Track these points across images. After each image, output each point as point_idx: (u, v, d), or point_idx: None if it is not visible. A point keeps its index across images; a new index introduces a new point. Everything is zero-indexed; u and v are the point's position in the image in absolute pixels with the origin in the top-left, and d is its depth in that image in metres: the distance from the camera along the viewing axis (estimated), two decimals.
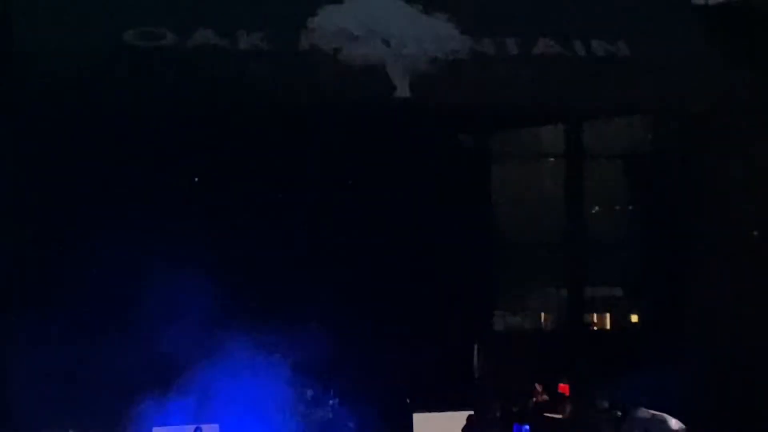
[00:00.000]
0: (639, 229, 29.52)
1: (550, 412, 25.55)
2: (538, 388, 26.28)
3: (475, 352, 27.73)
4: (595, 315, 31.48)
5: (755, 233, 25.99)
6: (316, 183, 25.11)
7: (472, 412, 26.25)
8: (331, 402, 24.97)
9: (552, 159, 30.85)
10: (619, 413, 24.62)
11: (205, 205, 24.86)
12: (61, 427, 22.70)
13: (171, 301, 22.58)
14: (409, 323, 25.95)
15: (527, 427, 25.87)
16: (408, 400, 26.57)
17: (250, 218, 24.57)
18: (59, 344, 22.44)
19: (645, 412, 22.70)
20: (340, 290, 25.24)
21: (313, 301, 24.02)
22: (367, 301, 25.66)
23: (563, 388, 26.53)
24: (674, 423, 22.10)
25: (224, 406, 22.98)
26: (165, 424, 23.45)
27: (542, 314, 31.61)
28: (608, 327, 31.73)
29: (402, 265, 25.51)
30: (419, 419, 26.29)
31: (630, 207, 30.22)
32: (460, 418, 26.08)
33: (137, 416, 22.50)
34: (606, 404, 26.06)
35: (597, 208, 30.15)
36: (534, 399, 26.26)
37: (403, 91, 23.94)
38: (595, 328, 31.44)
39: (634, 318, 31.39)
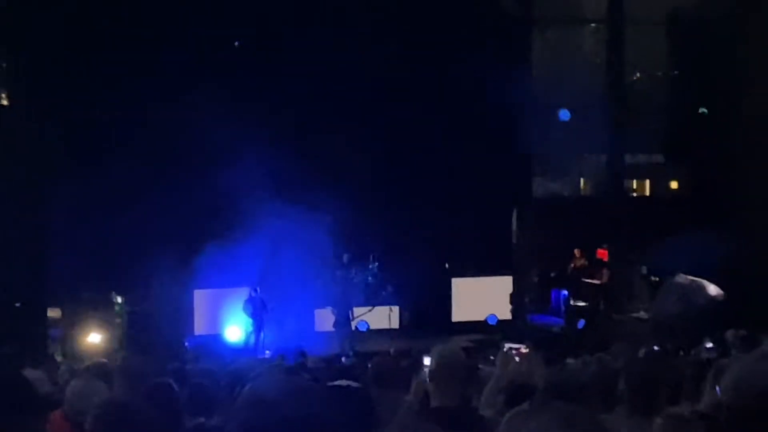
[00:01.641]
0: (682, 96, 28.93)
1: (588, 278, 25.54)
2: (577, 253, 26.22)
3: (514, 217, 27.61)
4: (635, 181, 31.21)
5: None
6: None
7: (511, 277, 26.41)
8: (370, 266, 25.04)
9: (593, 24, 30.24)
10: (657, 278, 24.65)
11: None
12: (100, 291, 23.12)
13: (211, 165, 22.69)
14: (448, 189, 25.78)
15: (566, 292, 25.98)
16: (447, 265, 26.66)
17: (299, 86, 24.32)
18: (100, 208, 22.51)
19: (683, 278, 22.67)
20: (381, 156, 25.07)
21: (353, 167, 23.84)
22: (407, 166, 25.48)
23: (602, 253, 26.50)
24: (713, 289, 22.08)
25: (263, 270, 23.21)
26: (208, 287, 23.90)
27: (582, 180, 31.36)
28: (648, 193, 31.49)
29: (441, 130, 25.22)
30: (458, 284, 26.47)
31: (675, 72, 29.56)
32: (499, 282, 26.22)
33: (178, 278, 22.81)
34: (644, 270, 26.11)
35: (638, 74, 29.58)
36: (573, 264, 26.23)
37: None
38: (635, 194, 31.20)
39: (674, 184, 31.08)
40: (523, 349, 7.42)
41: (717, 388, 4.26)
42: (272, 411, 3.36)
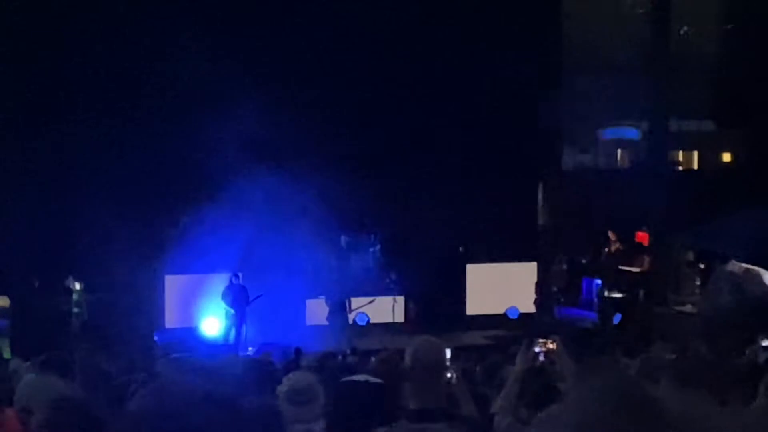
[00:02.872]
0: (736, 54, 28.86)
1: (625, 265, 25.48)
2: (612, 236, 26.15)
3: (539, 194, 27.57)
4: (680, 152, 31.16)
5: None
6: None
7: (535, 263, 26.39)
8: (371, 249, 25.02)
9: None
10: (705, 266, 24.61)
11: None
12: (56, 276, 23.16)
13: (185, 127, 22.72)
14: (462, 160, 25.70)
15: (599, 281, 25.95)
16: (461, 249, 26.64)
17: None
18: (54, 180, 22.54)
19: (736, 266, 22.62)
20: (385, 121, 25.04)
21: (351, 131, 23.87)
22: (415, 133, 25.44)
23: (641, 236, 26.45)
24: None
25: (245, 253, 23.23)
26: (181, 272, 23.92)
27: (618, 151, 31.34)
28: (696, 166, 31.47)
29: (454, 94, 25.18)
30: (474, 271, 26.46)
31: (728, 26, 29.50)
32: (521, 270, 26.20)
33: (146, 262, 22.83)
34: (691, 256, 26.07)
35: (685, 28, 29.51)
36: (607, 249, 26.16)
37: None
38: (681, 167, 31.16)
39: (727, 156, 31.05)
40: (550, 344, 7.34)
41: None
42: None
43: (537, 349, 7.70)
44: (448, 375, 8.29)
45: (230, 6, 24.69)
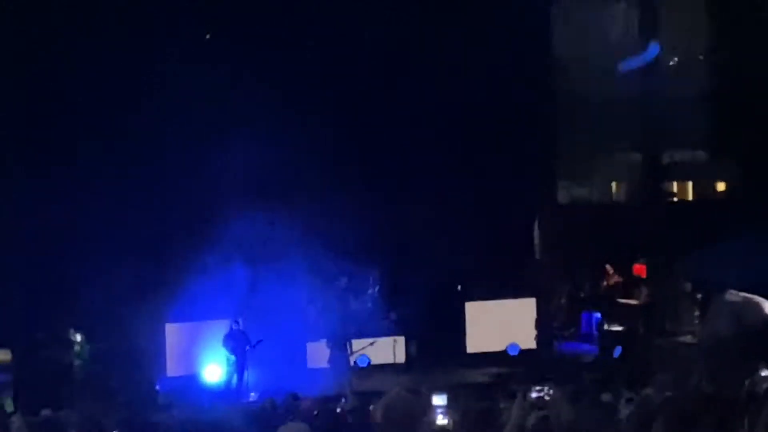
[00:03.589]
0: (728, 83, 28.87)
1: (624, 297, 25.47)
2: (610, 269, 26.17)
3: (536, 229, 27.58)
4: (675, 183, 31.17)
5: None
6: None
7: (534, 299, 26.33)
8: (369, 291, 25.01)
9: None
10: (703, 296, 24.58)
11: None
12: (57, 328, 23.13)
13: (183, 175, 22.75)
14: (459, 197, 25.68)
15: (598, 314, 25.91)
16: (459, 287, 26.60)
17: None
18: (54, 231, 22.54)
19: (735, 296, 22.56)
20: (381, 158, 25.06)
21: (348, 173, 23.90)
22: (412, 170, 25.42)
23: (639, 269, 26.44)
24: None
25: (245, 298, 23.19)
26: (181, 320, 23.88)
27: (613, 183, 31.35)
28: (691, 197, 31.46)
29: (450, 125, 25.18)
30: (473, 309, 26.39)
31: (719, 55, 29.52)
32: (520, 306, 26.14)
33: (147, 311, 22.81)
34: (689, 287, 26.04)
35: (676, 59, 29.58)
36: (606, 282, 26.18)
37: None
38: (676, 198, 31.16)
39: (721, 186, 31.05)
40: (546, 393, 7.30)
41: None
42: None
43: (534, 396, 7.71)
44: (444, 421, 8.29)
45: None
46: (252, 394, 22.43)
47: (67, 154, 23.37)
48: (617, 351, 24.18)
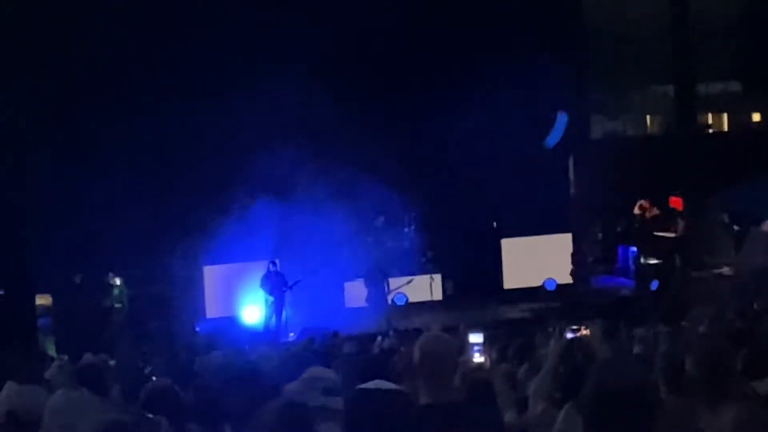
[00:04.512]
0: (764, 10, 28.54)
1: (660, 231, 25.37)
2: (646, 203, 26.02)
3: (570, 164, 27.43)
4: (710, 114, 30.93)
5: None
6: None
7: (570, 234, 26.28)
8: (405, 230, 25.02)
9: None
10: (740, 228, 24.46)
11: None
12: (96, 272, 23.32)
13: (219, 117, 22.78)
14: (491, 135, 25.52)
15: (634, 248, 25.84)
16: (494, 224, 26.57)
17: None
18: (92, 177, 22.63)
19: None
20: (415, 103, 24.99)
21: (383, 114, 23.86)
22: (445, 110, 25.32)
23: (675, 201, 26.28)
24: None
25: (281, 239, 23.27)
26: (219, 262, 24.01)
27: (648, 116, 31.13)
28: (726, 128, 31.21)
29: (483, 64, 25.04)
30: (509, 245, 26.39)
31: None
32: (556, 242, 26.11)
33: (185, 254, 22.95)
34: (726, 218, 25.91)
35: None
36: (642, 216, 26.05)
37: None
38: (711, 130, 30.93)
39: (757, 116, 30.79)
40: (584, 330, 7.29)
41: None
42: None
43: (570, 335, 7.70)
44: (481, 359, 8.32)
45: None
46: (291, 334, 22.58)
47: (106, 103, 23.44)
48: (654, 284, 24.15)
